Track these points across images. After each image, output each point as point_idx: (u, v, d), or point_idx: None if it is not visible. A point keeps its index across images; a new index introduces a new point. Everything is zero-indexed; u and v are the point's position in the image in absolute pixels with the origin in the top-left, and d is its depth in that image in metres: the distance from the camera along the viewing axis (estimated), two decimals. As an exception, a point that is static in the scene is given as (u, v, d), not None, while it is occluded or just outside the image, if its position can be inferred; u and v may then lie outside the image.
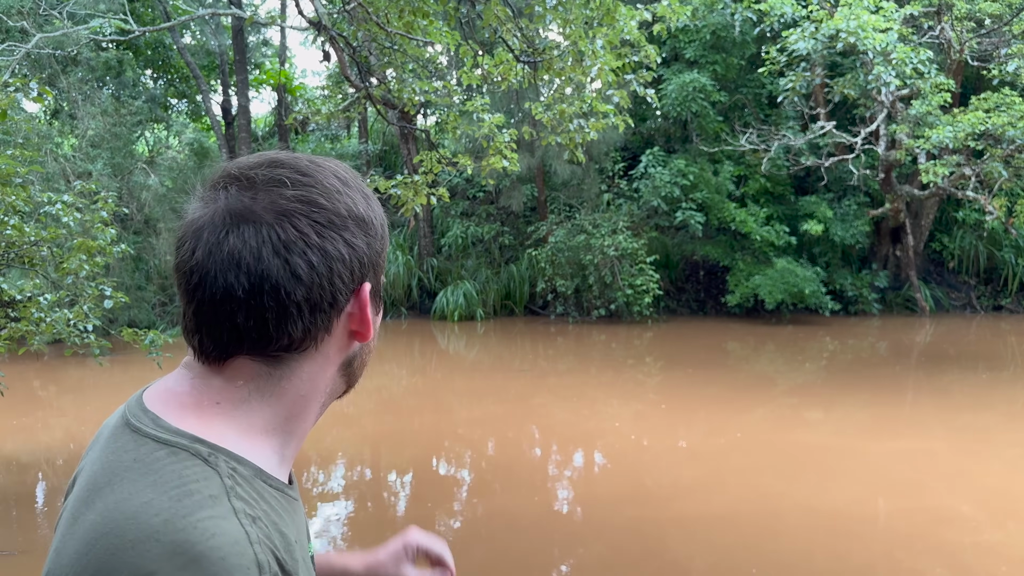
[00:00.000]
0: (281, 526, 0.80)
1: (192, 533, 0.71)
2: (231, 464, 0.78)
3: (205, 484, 0.75)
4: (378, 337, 0.95)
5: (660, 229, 17.29)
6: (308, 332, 0.83)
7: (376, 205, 0.90)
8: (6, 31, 14.65)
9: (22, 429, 8.47)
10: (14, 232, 5.54)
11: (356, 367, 0.93)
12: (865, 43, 11.78)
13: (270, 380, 0.84)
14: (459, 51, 6.36)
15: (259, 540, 0.74)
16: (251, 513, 0.76)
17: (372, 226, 0.87)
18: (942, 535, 5.44)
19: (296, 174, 0.83)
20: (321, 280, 0.81)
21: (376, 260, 0.88)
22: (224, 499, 0.75)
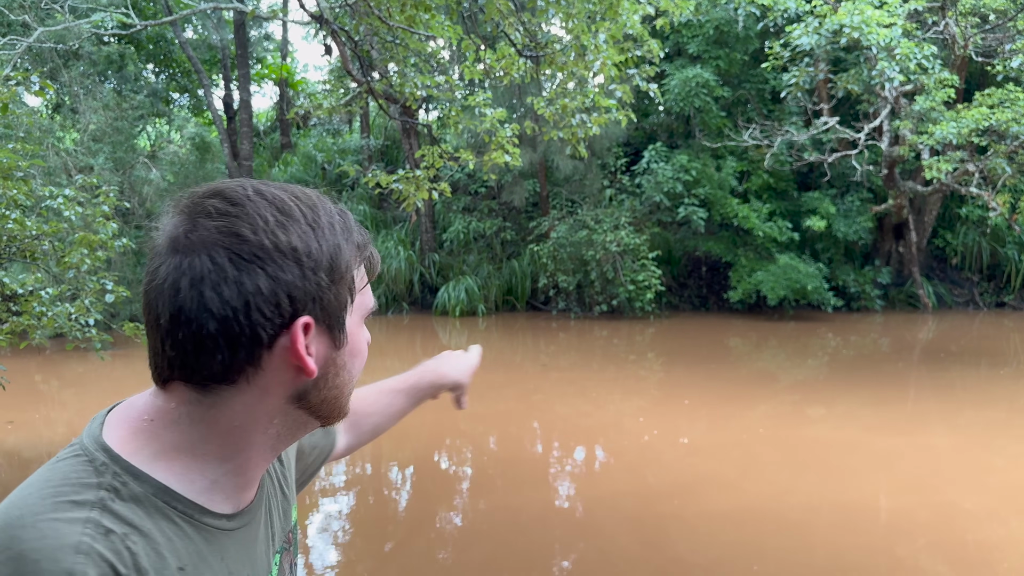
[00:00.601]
0: (161, 548, 0.79)
1: (28, 531, 0.73)
2: (122, 479, 0.80)
3: (80, 489, 0.77)
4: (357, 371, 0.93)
5: (662, 225, 17.27)
6: (230, 365, 0.82)
7: (328, 237, 0.86)
8: (8, 25, 14.64)
9: (24, 423, 8.48)
10: (16, 226, 5.54)
11: (316, 401, 0.89)
12: (869, 38, 11.74)
13: (200, 406, 0.84)
14: (461, 45, 6.34)
15: (91, 552, 0.73)
16: (109, 527, 0.76)
17: (311, 259, 0.83)
18: (944, 531, 5.43)
19: (227, 204, 0.82)
20: (236, 314, 0.80)
21: (318, 293, 0.83)
22: (86, 508, 0.76)
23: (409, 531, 5.69)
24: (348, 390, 0.92)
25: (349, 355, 0.90)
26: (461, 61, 8.10)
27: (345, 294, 0.87)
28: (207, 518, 0.86)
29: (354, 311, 0.90)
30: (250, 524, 0.93)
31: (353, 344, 0.90)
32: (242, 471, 0.89)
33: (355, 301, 0.90)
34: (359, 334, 0.92)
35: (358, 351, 0.92)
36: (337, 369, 0.89)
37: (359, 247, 0.90)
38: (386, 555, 5.24)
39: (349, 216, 0.91)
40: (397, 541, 5.50)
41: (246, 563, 0.91)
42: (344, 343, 0.88)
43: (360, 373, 0.94)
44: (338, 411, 0.93)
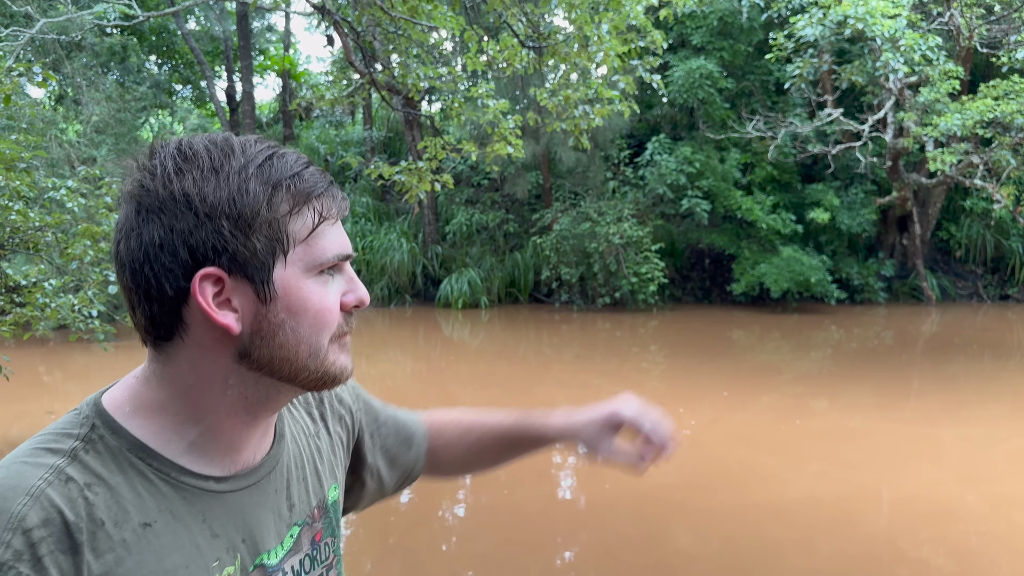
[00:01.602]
0: (125, 502, 0.80)
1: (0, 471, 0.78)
2: (99, 431, 0.83)
3: (59, 438, 0.82)
4: (308, 329, 0.86)
5: (666, 217, 17.24)
6: (153, 319, 0.83)
7: (232, 182, 0.81)
8: (10, 16, 14.63)
9: (28, 414, 8.50)
10: (19, 217, 5.54)
11: (264, 361, 0.85)
12: (873, 29, 11.69)
13: (158, 363, 0.86)
14: (464, 36, 6.32)
15: (40, 496, 0.76)
16: (71, 475, 0.78)
17: (206, 204, 0.80)
18: (946, 524, 5.43)
19: (144, 157, 0.83)
20: (140, 266, 0.81)
21: (220, 243, 0.80)
22: (58, 455, 0.80)
23: (412, 523, 5.70)
24: (305, 351, 0.86)
25: (286, 311, 0.84)
26: (464, 52, 8.07)
27: (261, 242, 0.81)
28: (186, 477, 0.85)
29: (292, 262, 0.84)
30: (250, 489, 0.91)
31: (290, 299, 0.84)
32: (217, 434, 0.88)
33: (291, 251, 0.83)
34: (303, 288, 0.84)
35: (301, 307, 0.84)
36: (272, 327, 0.84)
37: (290, 191, 0.83)
38: (389, 547, 5.25)
39: (284, 159, 0.85)
40: (400, 533, 5.51)
41: (239, 527, 0.89)
42: (272, 297, 0.83)
43: (322, 334, 0.86)
44: (310, 375, 0.88)
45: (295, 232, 0.84)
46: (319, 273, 0.86)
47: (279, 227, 0.83)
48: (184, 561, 0.83)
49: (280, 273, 0.83)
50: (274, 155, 0.84)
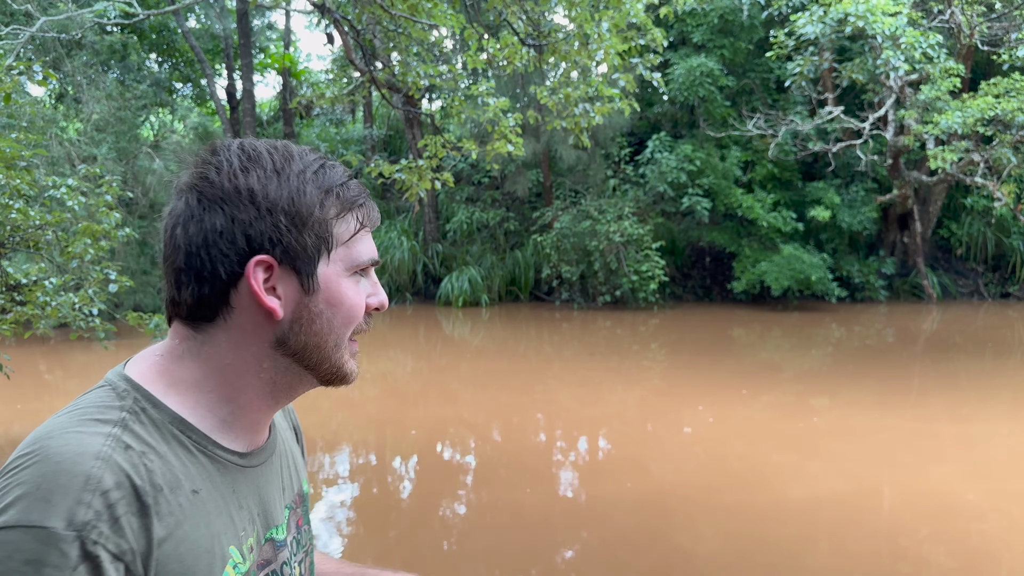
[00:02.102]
0: (176, 471, 0.86)
1: (55, 440, 0.80)
2: (141, 404, 0.87)
3: (105, 410, 0.85)
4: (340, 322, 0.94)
5: (666, 215, 17.23)
6: (200, 300, 0.90)
7: (292, 183, 0.91)
8: (10, 14, 14.62)
9: (29, 412, 8.51)
10: (19, 216, 5.54)
11: (297, 348, 0.93)
12: (874, 27, 11.68)
13: (195, 342, 0.92)
14: (464, 34, 6.31)
15: (109, 460, 0.80)
16: (128, 443, 0.83)
17: (268, 200, 0.89)
18: (947, 522, 5.43)
19: (207, 153, 0.92)
20: (198, 250, 0.89)
21: (276, 235, 0.89)
22: (109, 425, 0.83)
23: (413, 521, 5.70)
24: (332, 342, 0.94)
25: (325, 303, 0.93)
26: (464, 50, 8.07)
27: (311, 239, 0.91)
28: (219, 451, 0.92)
29: (334, 260, 0.93)
30: (263, 467, 1.00)
31: (330, 293, 0.93)
32: (246, 412, 0.95)
33: (334, 250, 0.93)
34: (341, 284, 0.94)
35: (338, 301, 0.94)
36: (311, 315, 0.92)
37: (339, 197, 0.94)
38: (390, 544, 5.25)
39: (335, 169, 0.95)
40: (401, 530, 5.51)
41: (256, 501, 0.97)
42: (315, 289, 0.92)
43: (348, 328, 0.95)
44: (329, 367, 0.96)
45: (339, 234, 0.94)
46: (354, 273, 0.96)
47: (327, 228, 0.93)
48: (223, 528, 0.90)
49: (323, 268, 0.93)
50: (326, 164, 0.95)
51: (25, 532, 0.75)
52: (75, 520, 0.76)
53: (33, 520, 0.75)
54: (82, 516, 0.76)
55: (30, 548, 0.74)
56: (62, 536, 0.75)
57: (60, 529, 0.75)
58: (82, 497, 0.77)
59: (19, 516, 0.75)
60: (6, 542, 0.74)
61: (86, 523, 0.76)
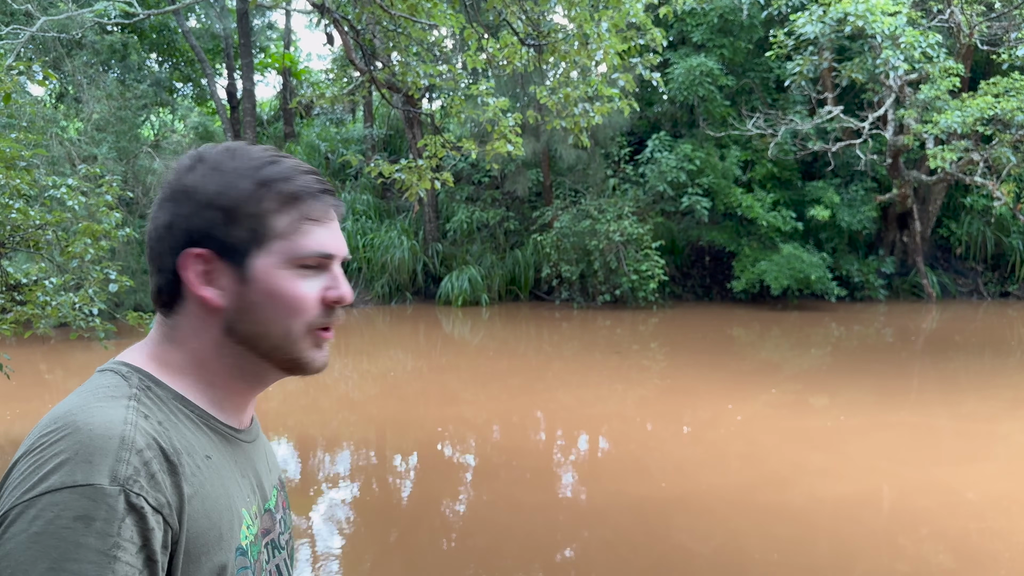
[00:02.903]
0: (188, 439, 0.92)
1: (79, 415, 0.85)
2: (146, 383, 0.94)
3: (114, 389, 0.91)
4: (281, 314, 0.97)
5: (666, 214, 17.24)
6: (160, 290, 0.98)
7: (227, 178, 0.95)
8: (11, 14, 14.62)
9: (29, 412, 8.51)
10: (19, 215, 5.55)
11: (245, 336, 0.98)
12: (873, 27, 11.68)
13: (168, 328, 0.99)
14: (464, 34, 6.32)
15: (135, 424, 0.86)
16: (145, 412, 0.89)
17: (203, 195, 0.95)
18: (946, 521, 5.44)
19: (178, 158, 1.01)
20: (154, 244, 0.97)
21: (209, 229, 0.94)
22: (123, 399, 0.89)
23: (413, 520, 5.71)
24: (278, 332, 0.98)
25: (262, 294, 0.96)
26: (464, 50, 8.07)
27: (243, 232, 0.95)
28: (220, 424, 0.99)
29: (273, 253, 0.96)
30: (253, 444, 1.06)
31: (267, 284, 0.96)
32: (229, 395, 1.01)
33: (271, 243, 0.96)
34: (278, 276, 0.96)
35: (275, 293, 0.96)
36: (250, 305, 0.97)
37: (279, 192, 0.96)
38: (390, 543, 5.26)
39: (282, 164, 0.98)
40: (401, 529, 5.52)
41: (254, 473, 1.03)
42: (249, 280, 0.96)
43: (295, 320, 0.98)
44: (283, 356, 1.00)
45: (278, 227, 0.96)
46: (299, 267, 0.98)
47: (262, 221, 0.96)
48: (235, 491, 0.96)
49: (260, 261, 0.96)
50: (276, 160, 0.98)
51: (72, 492, 0.79)
52: (118, 476, 0.81)
53: (78, 480, 0.80)
54: (124, 472, 0.81)
55: (79, 505, 0.79)
56: (108, 491, 0.80)
57: (106, 484, 0.80)
58: (120, 455, 0.82)
59: (64, 479, 0.80)
60: (54, 503, 0.79)
61: (128, 478, 0.81)
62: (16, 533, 0.78)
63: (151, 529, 0.82)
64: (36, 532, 0.78)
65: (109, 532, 0.79)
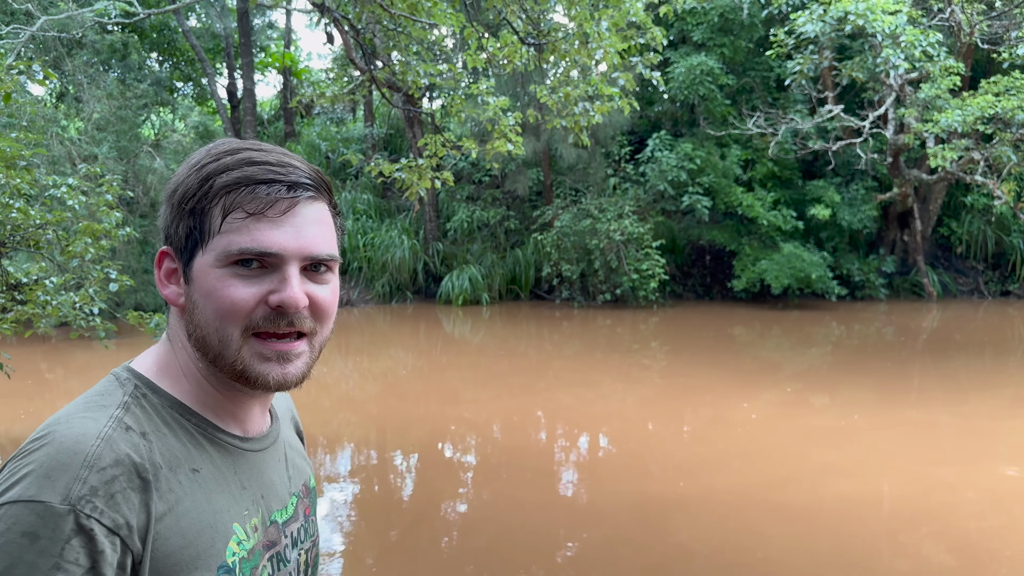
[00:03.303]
0: (176, 451, 0.90)
1: (62, 425, 0.85)
2: (142, 390, 0.92)
3: (108, 397, 0.90)
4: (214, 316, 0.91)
5: (666, 213, 17.23)
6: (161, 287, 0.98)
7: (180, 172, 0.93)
8: (11, 14, 14.62)
9: (30, 412, 8.52)
10: (20, 215, 5.55)
11: (197, 340, 0.93)
12: (874, 25, 11.68)
13: (168, 327, 1.00)
14: (464, 33, 6.32)
15: (108, 439, 0.84)
16: (129, 424, 0.87)
17: (169, 194, 0.94)
18: (947, 519, 5.44)
19: None
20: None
21: (167, 226, 0.94)
22: (111, 408, 0.88)
23: (414, 519, 5.71)
24: (215, 337, 0.91)
25: (201, 295, 0.91)
26: (464, 49, 8.07)
27: (184, 228, 0.92)
28: (220, 434, 0.97)
29: (209, 250, 0.90)
30: (265, 452, 1.03)
31: (201, 284, 0.91)
32: (225, 400, 0.98)
33: (209, 240, 0.90)
34: (209, 276, 0.90)
35: (207, 293, 0.90)
36: (192, 306, 0.93)
37: (216, 186, 0.89)
38: (391, 542, 5.26)
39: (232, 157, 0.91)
40: (402, 528, 5.52)
41: (259, 484, 1.00)
42: (190, 279, 0.93)
43: (229, 324, 0.90)
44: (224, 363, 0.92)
45: (213, 224, 0.90)
46: (233, 264, 0.89)
47: (201, 217, 0.90)
48: (226, 505, 0.93)
49: (199, 259, 0.91)
50: (227, 153, 0.91)
51: (24, 506, 0.79)
52: (70, 495, 0.80)
53: (32, 495, 0.80)
54: (77, 491, 0.80)
55: (28, 521, 0.79)
56: (56, 510, 0.79)
57: (55, 503, 0.79)
58: (79, 474, 0.81)
59: (21, 492, 0.80)
60: (8, 516, 0.79)
61: (81, 497, 0.80)
62: None
63: (100, 552, 0.80)
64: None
65: (51, 551, 0.78)
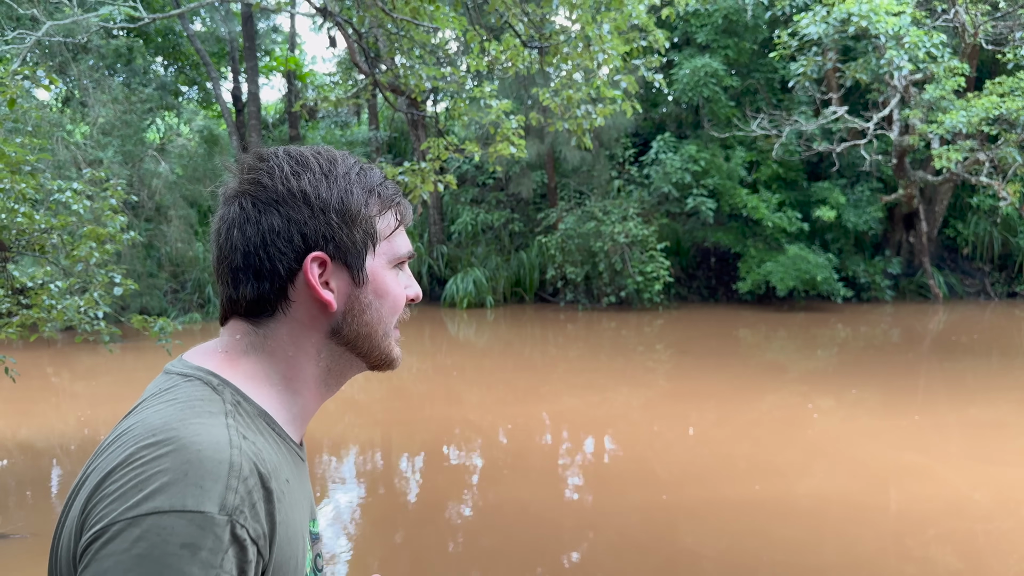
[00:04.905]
0: (274, 459, 0.89)
1: (182, 430, 0.83)
2: (236, 397, 0.91)
3: (209, 403, 0.88)
4: (387, 312, 1.01)
5: (671, 215, 17.22)
6: (260, 296, 0.96)
7: (340, 184, 0.97)
8: (16, 19, 14.68)
9: (36, 415, 8.54)
10: (25, 220, 5.56)
11: (350, 337, 0.99)
12: (877, 27, 11.66)
13: (257, 336, 0.97)
14: (467, 37, 6.32)
15: (240, 447, 0.83)
16: (244, 433, 0.86)
17: (320, 200, 0.95)
18: (953, 522, 5.42)
19: (256, 160, 0.98)
20: (256, 249, 0.94)
21: (329, 232, 0.95)
22: (221, 416, 0.87)
23: (419, 522, 5.71)
24: (381, 330, 1.01)
25: (373, 294, 1.00)
26: (467, 52, 8.08)
27: (360, 235, 0.98)
28: (290, 443, 0.98)
29: (379, 254, 1.00)
30: (306, 462, 1.04)
31: (377, 284, 1.00)
32: (307, 406, 1.01)
33: (378, 245, 1.00)
34: (385, 276, 1.01)
35: (384, 292, 1.01)
36: (362, 306, 0.99)
37: (380, 196, 1.01)
38: (396, 545, 5.26)
39: (374, 171, 1.02)
40: (407, 531, 5.52)
41: (308, 494, 1.02)
42: (364, 281, 0.99)
43: (394, 317, 1.02)
44: (379, 353, 1.03)
45: (382, 230, 1.00)
46: (395, 266, 1.03)
47: (372, 224, 0.99)
48: (304, 515, 0.95)
49: (370, 262, 0.99)
50: (364, 167, 1.02)
51: (180, 516, 0.77)
52: (227, 505, 0.79)
53: (188, 505, 0.77)
54: (232, 501, 0.79)
55: (186, 532, 0.76)
56: (217, 520, 0.78)
57: (215, 513, 0.78)
58: (230, 483, 0.80)
59: (172, 501, 0.77)
60: (162, 527, 0.76)
61: (235, 508, 0.79)
62: (116, 551, 0.76)
63: (249, 561, 0.80)
64: (139, 554, 0.75)
65: (213, 563, 0.77)
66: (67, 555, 0.83)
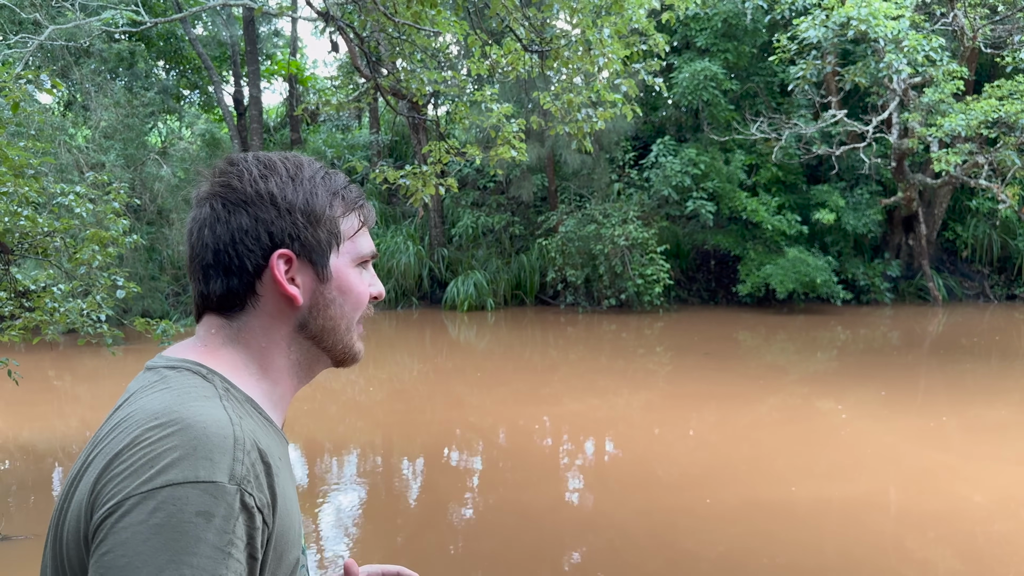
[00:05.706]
0: (267, 442, 0.93)
1: (184, 411, 0.88)
2: (225, 384, 0.97)
3: (203, 389, 0.94)
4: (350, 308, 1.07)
5: (671, 218, 17.25)
6: (229, 291, 1.01)
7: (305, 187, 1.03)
8: (19, 23, 14.73)
9: (38, 418, 8.57)
10: (28, 223, 5.59)
11: (315, 331, 1.05)
12: (876, 31, 11.70)
13: (232, 330, 1.03)
14: (468, 41, 6.36)
15: (240, 425, 0.89)
16: (239, 413, 0.92)
17: (286, 202, 1.01)
18: (954, 524, 5.43)
19: (227, 165, 1.04)
20: (226, 247, 1.00)
21: (294, 231, 1.01)
22: (216, 399, 0.92)
23: (419, 524, 5.73)
24: (344, 325, 1.07)
25: (337, 290, 1.06)
26: (468, 56, 8.11)
27: (324, 234, 1.04)
28: (278, 429, 1.03)
29: (343, 253, 1.06)
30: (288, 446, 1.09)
31: (341, 281, 1.06)
32: (284, 395, 1.06)
33: (342, 244, 1.06)
34: (349, 274, 1.07)
35: (348, 289, 1.07)
36: (326, 301, 1.05)
37: (344, 199, 1.07)
38: (397, 548, 5.28)
39: (338, 176, 1.08)
40: (408, 534, 5.54)
41: (292, 477, 1.05)
42: (328, 278, 1.05)
43: (357, 313, 1.08)
44: (342, 347, 1.09)
45: (345, 230, 1.06)
46: (358, 265, 1.08)
47: (336, 224, 1.05)
48: (295, 493, 1.00)
49: (334, 260, 1.05)
50: (329, 171, 1.08)
51: (194, 487, 0.82)
52: (235, 474, 0.85)
53: (200, 476, 0.83)
54: (240, 472, 0.85)
55: (200, 501, 0.82)
56: (228, 489, 0.83)
57: (226, 482, 0.83)
58: (236, 455, 0.86)
59: (186, 473, 0.83)
60: (177, 497, 0.81)
61: (243, 477, 0.85)
62: (134, 522, 0.80)
63: (256, 528, 0.86)
64: (157, 524, 0.80)
65: (226, 529, 0.82)
66: (75, 538, 0.87)
